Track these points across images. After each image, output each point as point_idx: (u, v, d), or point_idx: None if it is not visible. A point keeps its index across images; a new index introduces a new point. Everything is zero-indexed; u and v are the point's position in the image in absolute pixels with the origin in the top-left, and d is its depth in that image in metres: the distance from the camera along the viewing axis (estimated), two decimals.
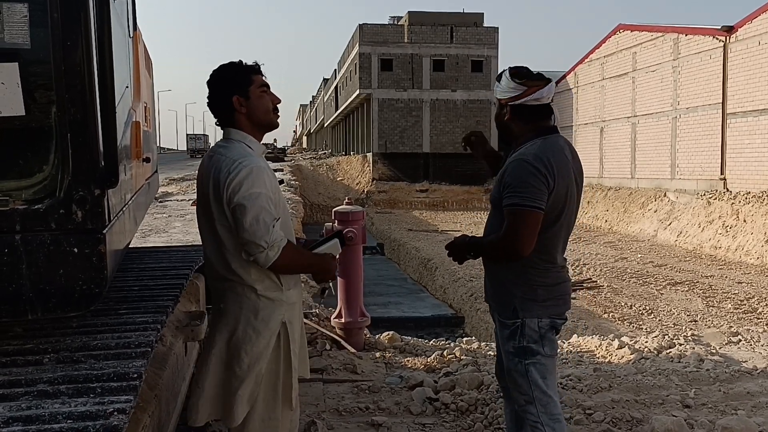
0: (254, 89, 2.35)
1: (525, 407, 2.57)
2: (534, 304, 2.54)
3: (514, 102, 2.54)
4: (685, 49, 20.41)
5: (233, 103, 2.33)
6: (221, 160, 2.28)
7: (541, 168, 2.43)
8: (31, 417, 1.61)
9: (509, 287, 2.58)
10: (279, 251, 2.24)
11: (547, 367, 2.57)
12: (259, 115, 2.37)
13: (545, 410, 2.53)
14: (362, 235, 5.35)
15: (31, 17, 1.82)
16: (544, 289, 2.55)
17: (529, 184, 2.42)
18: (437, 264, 15.55)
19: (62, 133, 1.84)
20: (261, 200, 2.22)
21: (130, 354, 2.03)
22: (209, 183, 2.28)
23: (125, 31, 2.64)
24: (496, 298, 2.67)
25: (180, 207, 14.68)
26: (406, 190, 33.52)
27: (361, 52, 36.14)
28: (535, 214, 2.42)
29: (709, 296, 10.98)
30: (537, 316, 2.54)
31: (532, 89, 2.52)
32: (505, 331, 2.60)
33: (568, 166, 2.53)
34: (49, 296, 1.88)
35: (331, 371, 4.61)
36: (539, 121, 2.58)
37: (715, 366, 4.89)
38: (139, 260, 3.73)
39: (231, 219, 2.24)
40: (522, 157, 2.48)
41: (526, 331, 2.53)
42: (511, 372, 2.59)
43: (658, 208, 20.05)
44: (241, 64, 2.37)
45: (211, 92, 2.37)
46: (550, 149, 2.52)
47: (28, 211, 1.83)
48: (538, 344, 2.54)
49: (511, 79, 2.54)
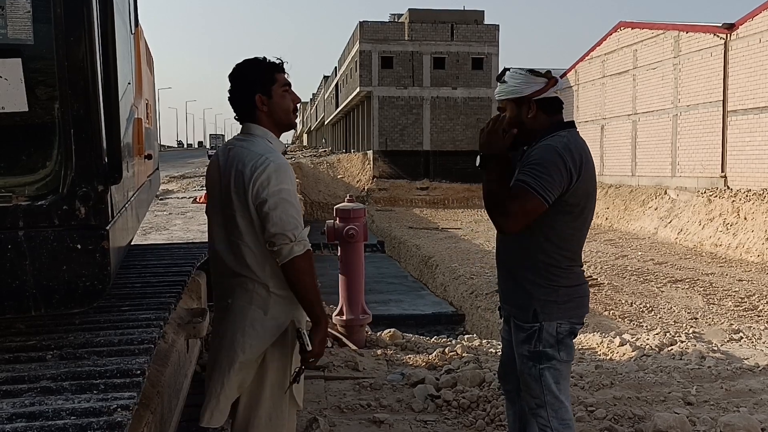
0: (277, 88, 2.34)
1: (536, 410, 2.53)
2: (555, 306, 2.45)
3: (539, 96, 2.46)
4: (686, 47, 20.38)
5: (255, 102, 2.32)
6: (245, 154, 2.26)
7: (568, 161, 2.36)
8: (35, 413, 1.61)
9: (528, 289, 2.47)
10: (304, 249, 2.22)
11: (562, 372, 2.51)
12: (281, 114, 2.37)
13: (556, 415, 2.49)
14: (363, 232, 5.35)
15: (35, 13, 1.81)
16: (565, 290, 2.46)
17: (549, 172, 2.33)
18: (438, 262, 15.55)
19: (65, 129, 1.83)
20: (290, 196, 2.23)
21: (132, 351, 2.03)
22: (231, 175, 2.26)
23: (127, 28, 2.63)
24: (513, 302, 2.57)
25: (181, 204, 14.67)
26: (407, 187, 33.51)
27: (362, 49, 36.11)
28: (538, 201, 2.33)
29: (710, 294, 10.98)
30: (557, 319, 2.46)
31: (553, 80, 2.47)
32: (521, 334, 2.51)
33: (591, 163, 2.47)
34: (52, 293, 1.87)
35: (332, 368, 4.61)
36: (559, 114, 2.53)
37: (716, 363, 4.89)
38: (141, 257, 3.73)
39: (255, 213, 2.22)
40: (553, 143, 2.39)
41: (543, 336, 2.45)
42: (524, 375, 2.53)
43: (658, 205, 20.04)
44: (266, 61, 2.35)
45: (234, 88, 2.36)
46: (579, 144, 2.45)
47: (32, 208, 1.83)
48: (554, 349, 2.46)
49: (530, 74, 2.47)
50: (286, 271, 2.22)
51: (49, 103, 1.84)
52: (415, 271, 17.58)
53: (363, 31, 36.28)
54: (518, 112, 2.50)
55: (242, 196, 2.23)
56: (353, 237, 5.29)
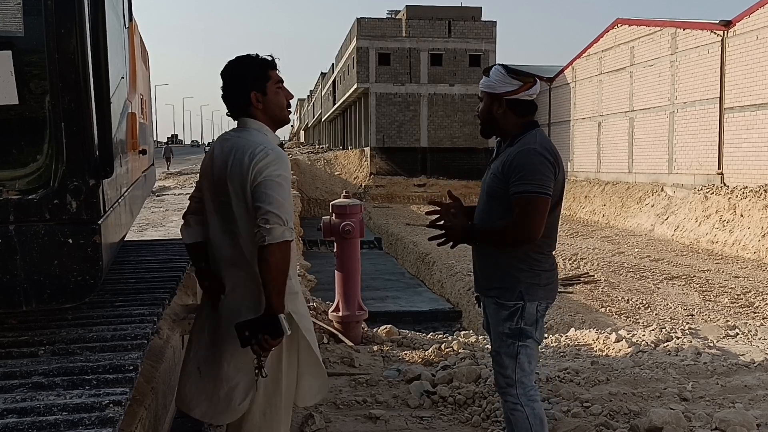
0: (271, 85, 2.36)
1: (506, 389, 2.71)
2: (538, 288, 2.67)
3: (510, 96, 2.67)
4: (682, 44, 20.38)
5: (251, 99, 2.34)
6: (242, 144, 2.28)
7: (549, 157, 2.59)
8: (26, 409, 1.60)
9: (514, 273, 2.67)
10: (292, 237, 2.22)
11: (533, 353, 2.73)
12: (275, 111, 2.39)
13: (524, 392, 2.68)
14: (360, 229, 5.34)
15: (25, 5, 1.80)
16: (546, 274, 2.70)
17: (540, 172, 2.55)
18: (435, 258, 15.55)
19: (56, 122, 1.81)
20: (287, 183, 2.26)
21: (126, 346, 2.02)
22: (227, 164, 2.26)
23: (120, 22, 2.61)
24: (497, 284, 2.72)
25: (177, 201, 14.64)
26: (404, 184, 33.49)
27: (359, 46, 36.04)
28: (545, 199, 2.56)
29: (706, 290, 11.00)
30: (538, 299, 2.67)
31: (527, 85, 2.67)
32: (503, 312, 2.68)
33: (560, 156, 2.71)
34: (43, 287, 1.86)
35: (328, 365, 4.60)
36: (530, 115, 2.74)
37: (712, 359, 4.89)
38: (136, 253, 3.72)
39: (251, 196, 2.20)
40: (529, 146, 2.61)
41: (525, 314, 2.65)
42: (500, 354, 2.72)
43: (655, 202, 20.07)
44: (258, 58, 2.36)
45: (227, 85, 2.36)
46: (548, 140, 2.71)
47: (22, 202, 1.81)
48: (532, 327, 2.68)
49: (507, 75, 2.67)
50: (269, 252, 2.14)
51: (39, 97, 1.82)
52: (412, 267, 17.58)
53: (360, 27, 36.20)
54: (490, 105, 2.73)
55: (238, 184, 2.24)
56: (349, 233, 5.27)
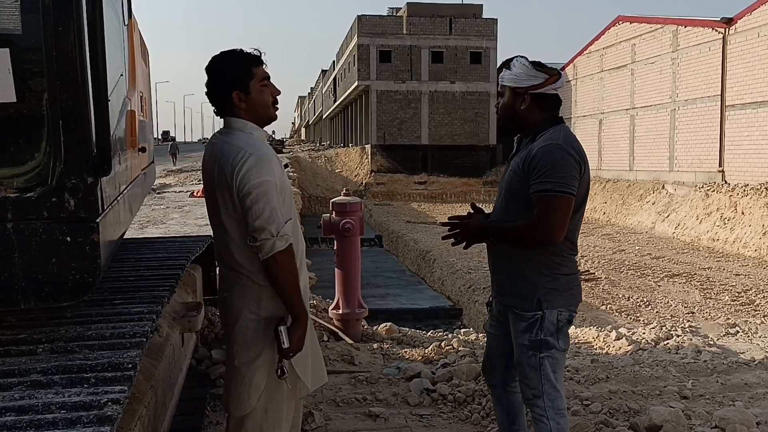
0: (255, 84, 2.27)
1: (533, 401, 2.56)
2: (556, 294, 2.50)
3: (535, 90, 2.51)
4: (684, 41, 20.35)
5: (233, 99, 2.27)
6: (225, 148, 2.23)
7: (574, 154, 2.43)
8: (24, 407, 1.60)
9: (531, 277, 2.51)
10: (286, 244, 2.19)
11: (559, 361, 2.56)
12: (260, 110, 2.32)
13: (552, 405, 2.52)
14: (360, 226, 5.34)
15: (22, 2, 1.79)
16: (565, 278, 2.53)
17: (564, 169, 2.38)
18: (435, 256, 15.55)
19: (54, 120, 1.81)
20: (272, 188, 2.19)
21: (124, 344, 2.01)
22: (213, 172, 2.24)
23: (119, 18, 2.61)
24: (514, 291, 2.58)
25: (178, 198, 14.64)
26: (405, 182, 33.50)
27: (360, 43, 36.01)
28: (569, 199, 2.39)
29: (707, 288, 10.99)
30: (558, 307, 2.50)
31: (553, 78, 2.51)
32: (521, 323, 2.54)
33: (585, 154, 2.53)
34: (41, 285, 1.85)
35: (328, 362, 4.60)
36: (554, 110, 2.57)
37: (712, 357, 4.89)
38: (135, 250, 3.71)
39: (239, 207, 2.19)
40: (553, 142, 2.43)
41: (545, 324, 2.49)
42: (523, 365, 2.56)
43: (656, 200, 20.05)
44: (242, 54, 2.28)
45: (210, 83, 2.30)
46: (573, 136, 2.52)
47: (20, 200, 1.81)
48: (554, 337, 2.51)
49: (532, 67, 2.51)
50: (268, 266, 2.19)
51: (37, 94, 1.81)
52: (412, 265, 17.58)
53: (361, 24, 36.16)
54: (513, 100, 2.56)
55: (226, 192, 2.21)
56: (349, 231, 5.27)
